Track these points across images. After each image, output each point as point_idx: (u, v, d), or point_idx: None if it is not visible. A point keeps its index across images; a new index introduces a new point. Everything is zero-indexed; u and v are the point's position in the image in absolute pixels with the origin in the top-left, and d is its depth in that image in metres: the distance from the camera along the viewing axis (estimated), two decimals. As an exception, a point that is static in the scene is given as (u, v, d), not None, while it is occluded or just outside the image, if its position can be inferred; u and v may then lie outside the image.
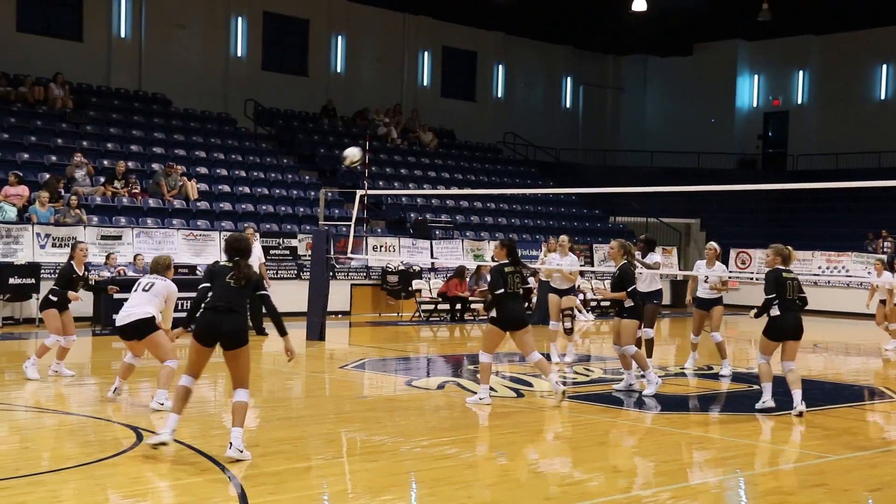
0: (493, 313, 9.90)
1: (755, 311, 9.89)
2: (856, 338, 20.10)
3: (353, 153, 14.41)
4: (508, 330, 9.89)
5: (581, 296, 23.00)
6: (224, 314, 7.30)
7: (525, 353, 10.06)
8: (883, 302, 17.44)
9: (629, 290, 10.62)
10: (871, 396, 11.51)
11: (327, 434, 8.56)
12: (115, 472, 6.85)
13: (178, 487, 6.52)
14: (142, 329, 9.13)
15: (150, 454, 7.27)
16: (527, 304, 12.71)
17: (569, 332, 13.74)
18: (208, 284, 7.55)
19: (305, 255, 19.94)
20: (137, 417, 8.81)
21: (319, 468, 7.25)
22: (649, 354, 12.25)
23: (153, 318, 9.16)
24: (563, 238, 14.26)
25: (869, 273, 23.76)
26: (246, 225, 19.20)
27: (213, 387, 11.12)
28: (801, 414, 9.51)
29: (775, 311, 9.65)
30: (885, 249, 25.39)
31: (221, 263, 7.67)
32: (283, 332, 7.63)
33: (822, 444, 8.51)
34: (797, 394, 9.66)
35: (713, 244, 12.98)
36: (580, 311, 22.44)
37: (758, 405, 9.87)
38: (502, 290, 9.78)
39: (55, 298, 10.84)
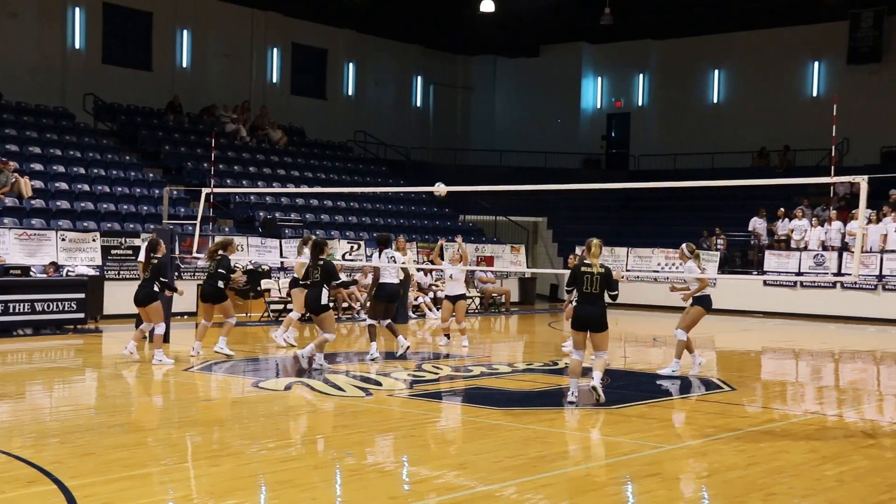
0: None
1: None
2: (692, 331, 20.95)
3: (441, 188, 14.50)
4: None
5: (431, 294, 23.20)
6: None
7: None
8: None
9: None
10: (705, 387, 12.04)
11: (169, 439, 8.33)
12: (-63, 487, 6.48)
13: (3, 502, 6.22)
14: None
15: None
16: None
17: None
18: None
19: (149, 255, 19.31)
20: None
21: (160, 474, 7.05)
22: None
23: None
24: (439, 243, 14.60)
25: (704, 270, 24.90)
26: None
27: (49, 396, 10.68)
28: (574, 403, 10.09)
29: (577, 303, 10.22)
30: (718, 247, 26.63)
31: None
32: None
33: (658, 434, 8.85)
34: (596, 374, 10.23)
35: (683, 245, 13.18)
36: (430, 310, 22.63)
37: (566, 400, 10.26)
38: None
39: None
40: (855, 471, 7.53)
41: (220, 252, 13.76)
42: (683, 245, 13.26)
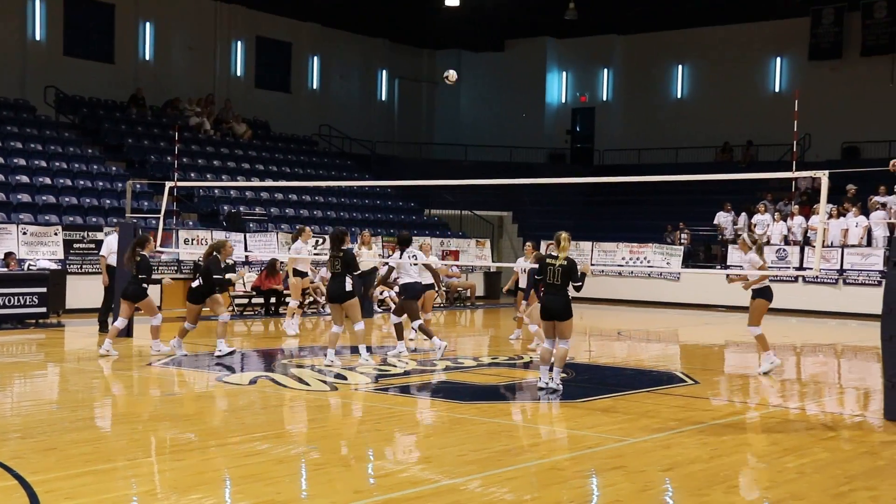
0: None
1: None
2: (656, 325, 21.15)
3: (452, 73, 14.51)
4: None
5: (396, 288, 23.15)
6: None
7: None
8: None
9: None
10: (668, 381, 12.14)
11: (133, 434, 8.27)
12: None
13: (-34, 497, 6.15)
14: None
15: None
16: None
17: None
18: None
19: (112, 249, 19.13)
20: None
21: (123, 469, 6.99)
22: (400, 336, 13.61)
23: None
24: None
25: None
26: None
27: (10, 392, 10.55)
28: (544, 389, 10.45)
29: (544, 294, 10.65)
30: (682, 241, 26.84)
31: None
32: None
33: (622, 427, 8.91)
34: (555, 371, 10.50)
35: (744, 235, 13.07)
36: (395, 303, 22.60)
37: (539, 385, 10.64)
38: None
39: None
40: (815, 463, 7.63)
41: (214, 253, 13.26)
42: (745, 234, 13.32)
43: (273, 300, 20.45)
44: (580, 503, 6.38)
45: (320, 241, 24.12)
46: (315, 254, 23.26)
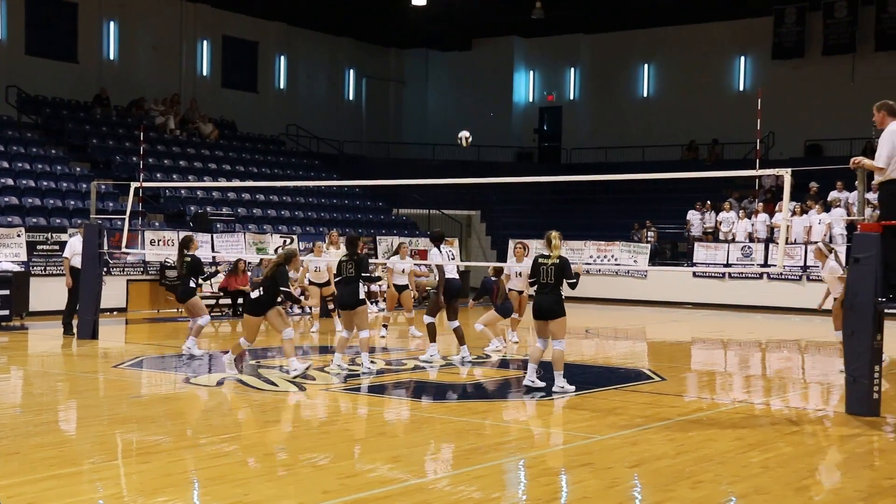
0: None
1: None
2: (624, 323, 21.28)
3: (465, 134, 14.47)
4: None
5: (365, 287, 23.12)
6: None
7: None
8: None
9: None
10: (636, 378, 12.23)
11: (99, 436, 8.19)
12: None
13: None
14: None
15: None
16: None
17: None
18: None
19: (76, 251, 18.95)
20: None
21: (89, 472, 6.94)
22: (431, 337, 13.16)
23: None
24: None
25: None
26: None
27: (-28, 393, 10.43)
28: (529, 387, 10.56)
29: (535, 293, 10.65)
30: (649, 239, 27.02)
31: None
32: None
33: (590, 425, 8.97)
34: (557, 375, 10.52)
35: (820, 244, 13.15)
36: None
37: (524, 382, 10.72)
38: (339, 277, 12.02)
39: None
40: (779, 457, 7.72)
41: (282, 264, 11.72)
42: (820, 243, 13.34)
43: (240, 301, 20.34)
44: (548, 500, 6.41)
45: (288, 241, 24.04)
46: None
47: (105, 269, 17.32)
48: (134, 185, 16.15)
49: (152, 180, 23.21)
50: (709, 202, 27.22)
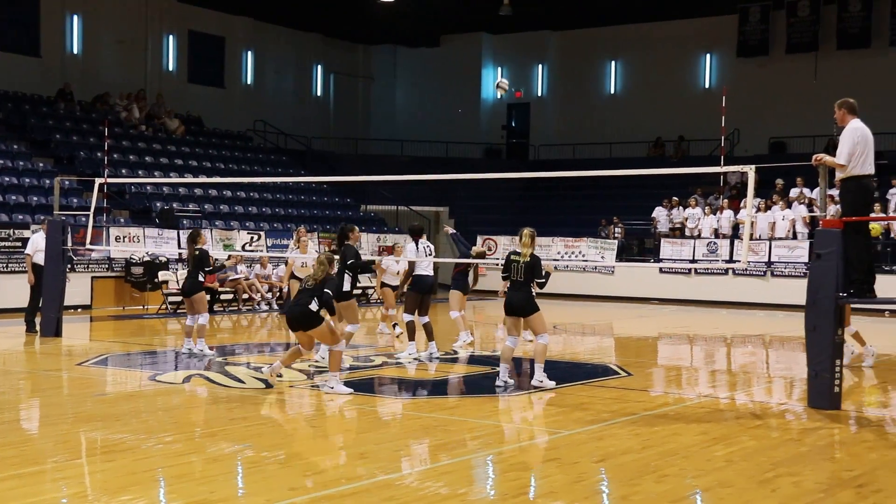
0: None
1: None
2: (591, 318, 21.39)
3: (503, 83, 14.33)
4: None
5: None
6: None
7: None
8: None
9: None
10: (603, 374, 12.29)
11: (62, 435, 8.12)
12: None
13: None
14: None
15: None
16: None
17: None
18: None
19: (40, 247, 18.75)
20: None
21: (52, 472, 6.87)
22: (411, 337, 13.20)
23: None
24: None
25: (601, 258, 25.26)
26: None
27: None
28: (501, 387, 10.45)
29: (508, 290, 10.62)
30: (616, 235, 27.17)
31: None
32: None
33: (557, 420, 9.01)
34: (538, 368, 10.50)
35: None
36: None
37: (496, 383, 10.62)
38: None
39: None
40: (743, 451, 7.80)
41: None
42: None
43: (207, 297, 20.20)
44: (515, 496, 6.43)
45: (255, 237, 23.94)
46: (249, 250, 23.09)
47: (69, 266, 17.17)
48: (98, 180, 16.01)
49: (117, 176, 23.01)
50: (675, 198, 27.41)
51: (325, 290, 9.89)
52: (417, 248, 13.31)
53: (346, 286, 11.59)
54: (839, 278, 9.39)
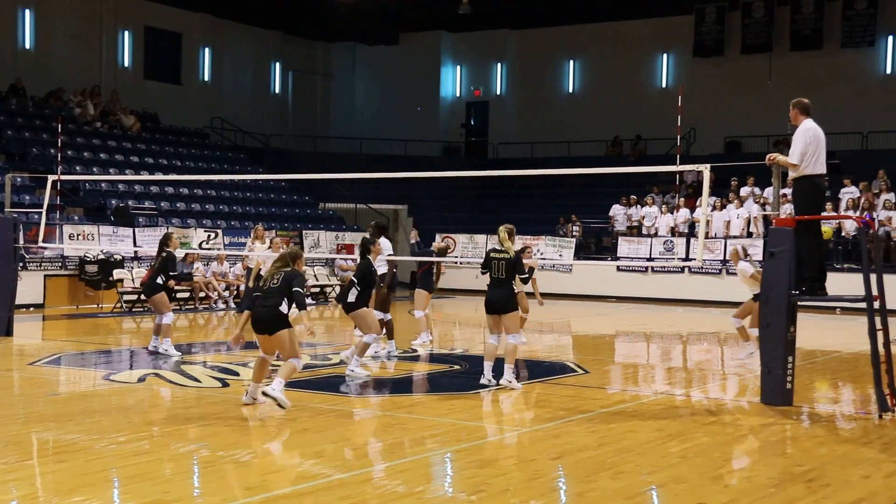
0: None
1: None
2: (549, 316, 21.47)
3: None
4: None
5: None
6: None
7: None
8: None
9: None
10: (560, 371, 12.36)
11: (13, 436, 7.99)
12: None
13: None
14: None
15: None
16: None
17: None
18: None
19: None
20: None
21: (2, 473, 6.75)
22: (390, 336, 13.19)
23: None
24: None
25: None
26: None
27: None
28: (487, 386, 10.45)
29: (488, 287, 10.64)
30: (574, 233, 27.32)
31: None
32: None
33: (514, 418, 9.06)
34: (508, 368, 10.49)
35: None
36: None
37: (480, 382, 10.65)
38: None
39: None
40: (697, 447, 7.89)
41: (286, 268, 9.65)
42: (738, 246, 13.87)
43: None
44: (472, 493, 6.45)
45: (212, 235, 23.75)
46: (206, 248, 22.91)
47: (21, 265, 16.93)
48: (52, 177, 15.79)
49: (71, 173, 22.70)
50: (633, 197, 27.61)
51: (295, 288, 9.28)
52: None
53: (352, 297, 11.49)
54: (792, 276, 9.52)
